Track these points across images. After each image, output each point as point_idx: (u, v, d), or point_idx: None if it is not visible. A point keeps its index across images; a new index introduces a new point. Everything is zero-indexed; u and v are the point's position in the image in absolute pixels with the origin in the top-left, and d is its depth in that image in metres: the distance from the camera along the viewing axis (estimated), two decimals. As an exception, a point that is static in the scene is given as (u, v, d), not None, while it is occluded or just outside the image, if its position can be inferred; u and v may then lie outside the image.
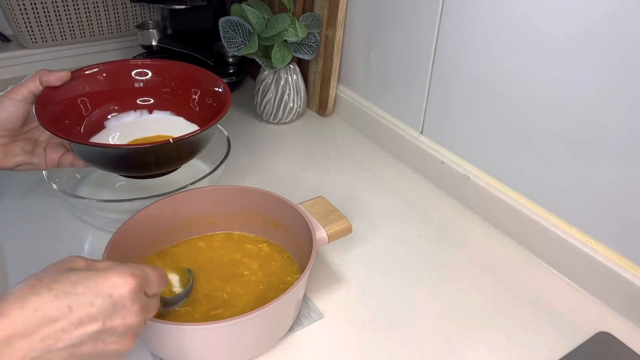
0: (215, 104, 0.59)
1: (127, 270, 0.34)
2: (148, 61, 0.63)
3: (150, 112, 0.63)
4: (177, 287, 0.50)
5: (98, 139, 0.59)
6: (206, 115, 0.60)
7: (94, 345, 0.32)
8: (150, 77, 0.62)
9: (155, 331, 0.44)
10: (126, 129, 0.61)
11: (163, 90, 0.62)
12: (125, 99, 0.62)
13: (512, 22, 0.59)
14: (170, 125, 0.62)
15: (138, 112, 0.63)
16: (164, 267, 0.46)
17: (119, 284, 0.33)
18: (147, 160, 0.55)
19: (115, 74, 0.61)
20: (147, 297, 0.37)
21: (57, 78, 0.54)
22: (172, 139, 0.50)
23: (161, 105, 0.63)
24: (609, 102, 0.52)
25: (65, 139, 0.51)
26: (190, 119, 0.63)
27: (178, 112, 0.63)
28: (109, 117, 0.61)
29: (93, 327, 0.32)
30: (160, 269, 0.40)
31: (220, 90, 0.60)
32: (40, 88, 0.53)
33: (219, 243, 0.60)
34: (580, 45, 0.53)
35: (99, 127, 0.61)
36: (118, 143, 0.59)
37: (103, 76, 0.60)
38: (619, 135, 0.52)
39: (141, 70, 0.62)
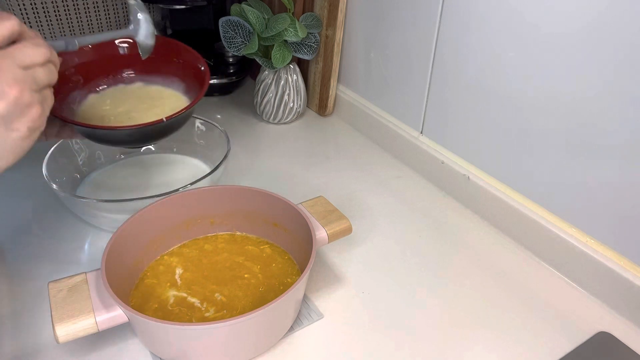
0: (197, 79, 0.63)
1: None
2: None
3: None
4: None
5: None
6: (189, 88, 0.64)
7: None
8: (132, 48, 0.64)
9: (156, 331, 0.44)
10: (117, 98, 0.63)
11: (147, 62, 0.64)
12: (113, 70, 0.64)
13: (512, 22, 0.59)
14: (159, 96, 0.64)
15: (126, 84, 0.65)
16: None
17: None
18: (142, 136, 0.58)
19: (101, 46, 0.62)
20: (24, 69, 0.36)
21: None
22: (166, 117, 0.55)
23: (147, 75, 0.65)
24: (609, 101, 0.52)
25: (69, 122, 0.53)
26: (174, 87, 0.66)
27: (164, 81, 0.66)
28: (98, 89, 0.63)
29: None
30: (36, 39, 0.38)
31: (201, 68, 0.62)
32: None
33: (223, 245, 0.60)
34: (580, 45, 0.53)
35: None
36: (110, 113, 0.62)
37: (89, 47, 0.61)
38: (618, 134, 0.52)
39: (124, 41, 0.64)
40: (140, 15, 0.54)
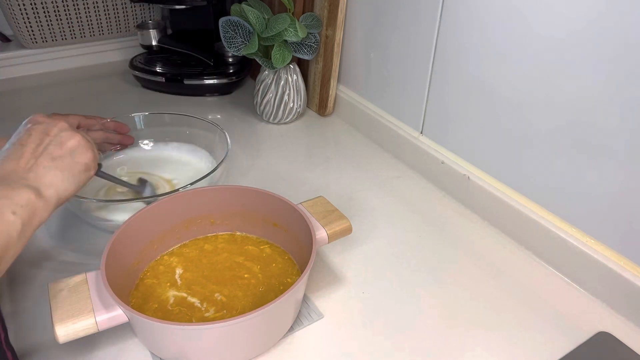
0: None
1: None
2: None
3: None
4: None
5: None
6: None
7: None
8: None
9: (156, 331, 0.44)
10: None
11: None
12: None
13: (512, 22, 0.59)
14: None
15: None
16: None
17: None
18: None
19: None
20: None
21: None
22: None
23: None
24: (610, 102, 0.52)
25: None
26: None
27: None
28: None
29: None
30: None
31: None
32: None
33: (223, 245, 0.60)
34: (581, 45, 0.53)
35: None
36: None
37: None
38: (619, 135, 0.52)
39: None
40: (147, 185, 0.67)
